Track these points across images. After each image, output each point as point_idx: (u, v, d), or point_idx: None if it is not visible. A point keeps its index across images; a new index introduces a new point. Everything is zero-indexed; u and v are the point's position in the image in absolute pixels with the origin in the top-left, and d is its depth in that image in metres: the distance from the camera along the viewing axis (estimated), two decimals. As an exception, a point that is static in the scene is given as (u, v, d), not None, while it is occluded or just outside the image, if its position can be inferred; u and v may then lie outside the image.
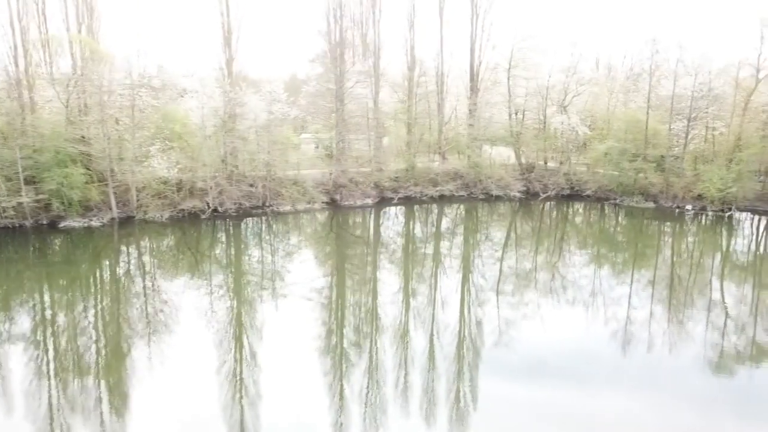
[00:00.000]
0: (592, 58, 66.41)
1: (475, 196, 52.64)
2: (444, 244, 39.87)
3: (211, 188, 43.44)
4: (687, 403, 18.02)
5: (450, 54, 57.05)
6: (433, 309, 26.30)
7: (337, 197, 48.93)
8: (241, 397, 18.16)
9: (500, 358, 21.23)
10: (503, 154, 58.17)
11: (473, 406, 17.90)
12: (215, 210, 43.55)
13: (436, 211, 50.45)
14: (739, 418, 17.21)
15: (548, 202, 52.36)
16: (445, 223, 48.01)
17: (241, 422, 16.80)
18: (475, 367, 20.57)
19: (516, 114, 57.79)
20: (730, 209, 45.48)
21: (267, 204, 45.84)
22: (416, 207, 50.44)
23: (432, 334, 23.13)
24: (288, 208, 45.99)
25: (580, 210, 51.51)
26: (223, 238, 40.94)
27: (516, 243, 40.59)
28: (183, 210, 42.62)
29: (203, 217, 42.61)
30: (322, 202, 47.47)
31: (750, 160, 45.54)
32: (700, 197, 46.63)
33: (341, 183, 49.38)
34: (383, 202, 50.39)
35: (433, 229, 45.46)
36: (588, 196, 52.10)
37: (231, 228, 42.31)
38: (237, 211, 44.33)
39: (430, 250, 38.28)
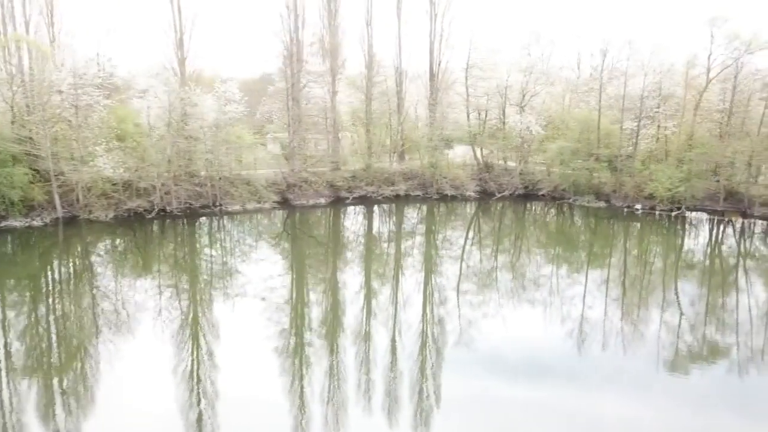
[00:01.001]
0: (555, 57, 66.51)
1: (429, 196, 52.70)
2: (401, 244, 39.81)
3: (157, 188, 43.31)
4: (644, 399, 18.14)
5: (409, 53, 57.27)
6: (395, 308, 26.27)
7: (290, 197, 48.90)
8: (198, 398, 17.98)
9: (461, 356, 21.25)
10: (469, 153, 58.29)
11: (436, 404, 17.91)
12: (163, 210, 43.44)
13: (391, 210, 50.47)
14: (696, 413, 17.42)
15: (503, 202, 52.47)
16: (402, 223, 47.97)
17: (199, 423, 16.63)
18: (437, 366, 20.61)
19: (480, 114, 57.86)
20: (679, 208, 45.70)
21: (217, 204, 45.75)
22: (371, 207, 50.43)
23: (394, 334, 23.10)
24: (237, 207, 45.88)
25: (534, 210, 51.63)
26: (171, 238, 40.72)
27: (471, 243, 40.57)
28: (129, 210, 42.49)
29: (149, 216, 42.47)
30: (274, 202, 47.42)
31: (699, 160, 45.72)
32: (651, 197, 46.83)
33: (294, 182, 49.35)
34: (338, 201, 50.36)
35: (390, 229, 45.45)
36: (543, 195, 52.27)
37: (179, 228, 42.08)
38: (185, 210, 44.21)
39: (387, 249, 38.35)
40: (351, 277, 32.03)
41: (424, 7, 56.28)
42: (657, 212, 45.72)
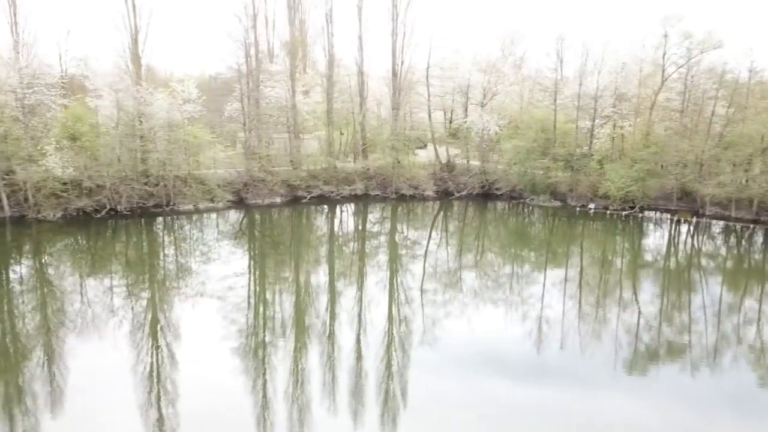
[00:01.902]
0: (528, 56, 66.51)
1: (388, 196, 52.61)
2: (359, 244, 39.82)
3: (107, 187, 43.23)
4: (604, 396, 18.41)
5: (370, 53, 57.23)
6: (360, 307, 26.27)
7: (246, 196, 48.83)
8: (159, 398, 17.89)
9: (425, 355, 21.32)
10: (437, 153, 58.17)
11: (402, 403, 17.98)
12: (113, 209, 43.38)
13: (349, 210, 50.48)
14: (654, 410, 17.48)
15: (462, 202, 52.51)
16: (360, 222, 48.00)
17: (160, 423, 16.55)
18: (402, 365, 20.64)
19: (446, 113, 57.89)
20: (633, 208, 45.71)
21: (170, 203, 45.68)
22: (329, 206, 50.38)
23: (359, 333, 23.17)
24: (189, 207, 45.75)
25: (490, 209, 51.59)
26: (123, 238, 40.54)
27: (426, 242, 40.66)
28: (78, 209, 42.41)
29: (98, 216, 42.39)
30: (228, 201, 47.37)
31: (651, 159, 45.68)
32: (605, 196, 46.81)
33: (250, 181, 49.30)
34: (295, 201, 50.26)
35: (348, 229, 45.51)
36: (501, 195, 52.26)
37: (132, 227, 41.80)
38: (136, 210, 44.10)
39: (344, 249, 38.44)
40: (310, 277, 31.92)
41: (387, 5, 56.36)
42: (608, 212, 45.74)
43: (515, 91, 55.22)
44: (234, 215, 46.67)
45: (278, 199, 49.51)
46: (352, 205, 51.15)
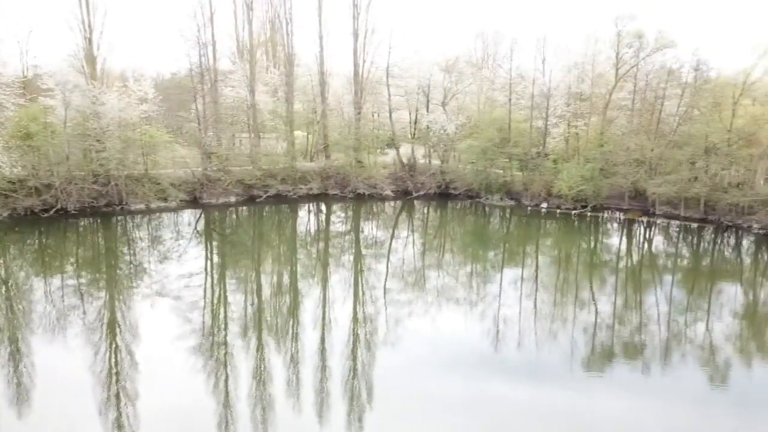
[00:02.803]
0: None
1: (345, 195, 52.59)
2: (319, 242, 39.99)
3: (56, 186, 43.17)
4: (564, 394, 18.53)
5: (332, 52, 57.19)
6: (323, 307, 26.28)
7: (201, 195, 48.78)
8: (118, 398, 17.82)
9: (389, 354, 21.43)
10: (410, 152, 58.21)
11: (368, 403, 18.01)
12: (63, 209, 43.30)
13: (307, 209, 50.50)
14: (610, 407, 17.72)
15: (419, 201, 52.57)
16: (318, 221, 48.16)
17: (119, 423, 16.48)
18: (367, 364, 20.71)
19: (411, 113, 57.86)
20: (585, 207, 45.78)
21: (122, 202, 45.64)
22: (285, 205, 50.34)
23: (323, 332, 23.22)
24: (141, 206, 45.69)
25: (446, 208, 51.65)
26: (74, 238, 40.49)
27: (381, 241, 40.67)
28: (27, 208, 42.29)
29: (46, 215, 42.28)
30: (182, 201, 47.32)
31: (601, 159, 45.71)
32: (559, 195, 46.83)
33: (205, 181, 49.26)
34: (250, 200, 50.19)
35: (306, 228, 45.56)
36: (459, 194, 52.30)
37: (82, 227, 41.69)
38: (86, 209, 44.04)
39: (305, 247, 38.48)
40: (270, 276, 31.86)
41: (348, 4, 56.28)
42: (558, 211, 45.82)
43: (473, 90, 55.17)
44: (189, 215, 46.61)
45: (233, 199, 49.46)
46: (312, 205, 51.17)
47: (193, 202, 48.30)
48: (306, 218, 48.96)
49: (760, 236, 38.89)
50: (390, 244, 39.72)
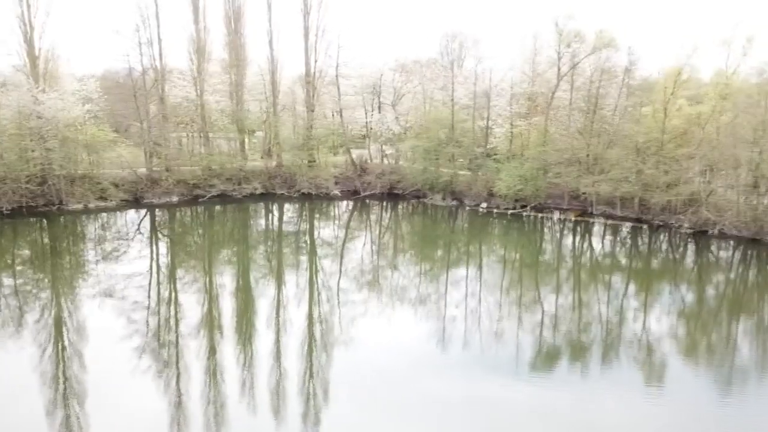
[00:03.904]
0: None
1: (291, 195, 52.44)
2: (267, 241, 40.07)
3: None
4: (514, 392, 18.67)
5: (284, 52, 57.04)
6: (277, 307, 26.21)
7: (143, 195, 48.61)
8: (65, 398, 17.66)
9: (342, 353, 21.49)
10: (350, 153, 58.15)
11: (324, 403, 18.05)
12: (-3, 209, 43.12)
13: (252, 209, 50.33)
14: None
15: (365, 201, 52.47)
16: (265, 221, 48.08)
17: (67, 423, 16.32)
18: (320, 365, 20.69)
19: (368, 113, 57.62)
20: (524, 207, 45.71)
21: (62, 202, 45.48)
22: (229, 205, 50.17)
23: (278, 332, 23.26)
24: (79, 206, 45.51)
25: (386, 208, 51.63)
26: (11, 238, 40.39)
27: (316, 241, 40.74)
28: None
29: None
30: (123, 200, 47.19)
31: (540, 158, 45.64)
32: (501, 196, 46.74)
33: (148, 180, 49.13)
34: (193, 200, 49.92)
35: (252, 228, 45.39)
36: (406, 194, 52.20)
37: (18, 227, 41.37)
38: (22, 209, 43.79)
39: (250, 246, 38.35)
40: (220, 276, 31.73)
41: (299, 3, 56.13)
42: (495, 211, 45.79)
43: (420, 91, 55.02)
44: (133, 214, 46.36)
45: (175, 198, 49.30)
46: (258, 204, 51.01)
47: (135, 202, 48.14)
48: (253, 218, 48.74)
49: (689, 235, 38.85)
50: (312, 242, 39.68)
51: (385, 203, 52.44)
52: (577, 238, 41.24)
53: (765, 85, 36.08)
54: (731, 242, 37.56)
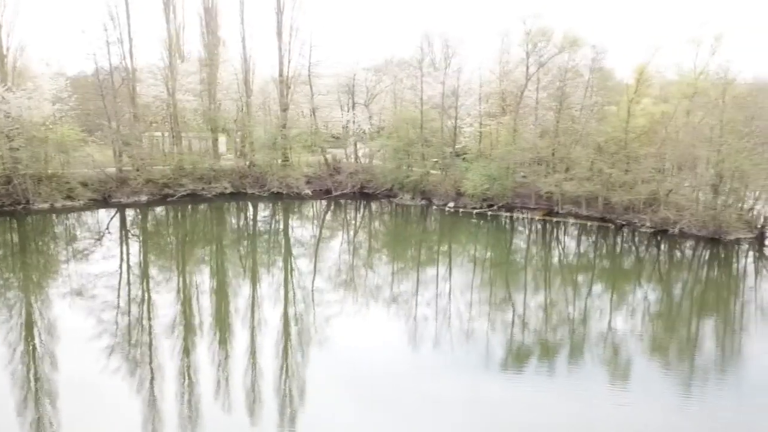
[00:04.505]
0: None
1: (262, 194, 52.36)
2: (238, 240, 40.18)
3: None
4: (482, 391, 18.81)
5: (258, 51, 56.97)
6: (252, 306, 26.22)
7: (111, 194, 48.51)
8: (37, 399, 17.58)
9: (316, 354, 21.47)
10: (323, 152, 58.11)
11: (300, 402, 18.02)
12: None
13: (222, 208, 50.24)
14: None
15: (336, 200, 52.43)
16: (237, 220, 48.00)
17: (38, 425, 16.23)
18: (295, 364, 20.67)
19: (346, 111, 57.48)
20: (491, 206, 45.69)
21: (29, 201, 45.38)
22: (200, 205, 50.04)
23: (253, 332, 23.25)
24: (45, 205, 45.39)
25: (353, 208, 51.62)
26: None
27: (290, 239, 40.77)
28: None
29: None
30: (90, 199, 47.09)
31: (505, 158, 45.61)
32: (469, 195, 46.71)
33: (116, 179, 49.06)
34: (162, 199, 49.76)
35: (220, 227, 45.20)
36: (377, 193, 52.17)
37: None
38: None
39: (221, 245, 38.38)
40: (194, 276, 31.65)
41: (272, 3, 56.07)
42: (462, 210, 45.79)
43: (392, 90, 55.03)
44: (102, 214, 46.13)
45: (144, 198, 49.19)
46: (230, 204, 50.92)
47: (103, 202, 48.02)
48: (224, 217, 48.61)
49: (650, 234, 38.84)
50: (284, 242, 39.67)
51: (357, 203, 52.38)
52: (538, 237, 41.22)
53: (722, 85, 36.03)
54: (691, 242, 37.54)
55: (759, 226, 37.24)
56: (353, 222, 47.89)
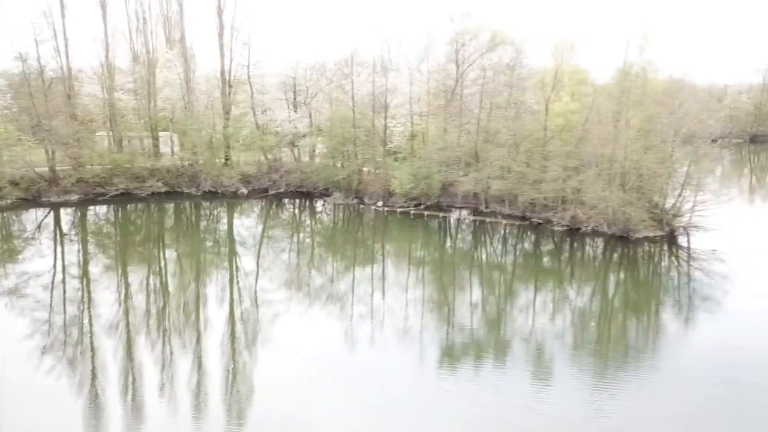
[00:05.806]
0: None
1: (195, 194, 52.17)
2: (178, 239, 40.53)
3: None
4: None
5: (197, 50, 56.92)
6: (197, 307, 26.43)
7: (42, 193, 48.39)
8: None
9: (260, 354, 21.90)
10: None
11: (247, 399, 18.46)
12: None
13: (152, 208, 50.11)
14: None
15: (270, 199, 52.32)
16: (171, 220, 48.01)
17: None
18: (243, 364, 21.03)
19: (287, 110, 57.39)
20: (418, 205, 45.65)
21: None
22: (132, 204, 49.88)
23: (199, 332, 23.54)
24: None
25: (292, 206, 51.60)
26: None
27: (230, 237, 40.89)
28: None
29: None
30: (17, 198, 46.93)
31: (428, 157, 45.57)
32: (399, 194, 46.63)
33: (46, 178, 48.95)
34: (94, 199, 49.52)
35: (160, 225, 45.51)
36: (312, 192, 52.10)
37: None
38: None
39: (159, 245, 38.61)
40: (133, 275, 31.84)
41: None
42: (386, 210, 45.80)
43: (326, 90, 54.99)
44: (32, 214, 46.03)
45: (75, 197, 49.05)
46: (163, 203, 50.74)
47: (32, 201, 47.84)
48: (157, 216, 48.46)
49: (563, 233, 38.83)
50: (229, 240, 39.61)
51: (294, 201, 52.28)
52: (457, 236, 41.25)
53: (621, 83, 36.05)
54: (601, 239, 37.51)
55: (667, 223, 37.21)
56: (269, 219, 47.63)
